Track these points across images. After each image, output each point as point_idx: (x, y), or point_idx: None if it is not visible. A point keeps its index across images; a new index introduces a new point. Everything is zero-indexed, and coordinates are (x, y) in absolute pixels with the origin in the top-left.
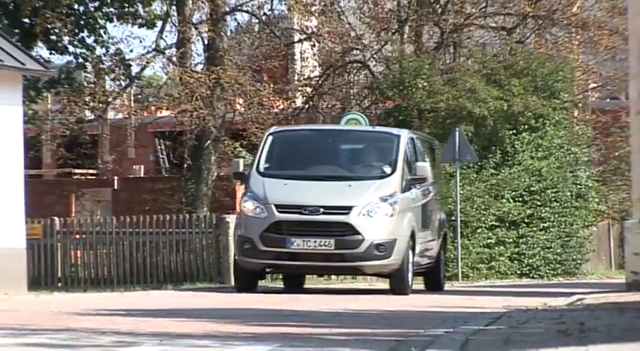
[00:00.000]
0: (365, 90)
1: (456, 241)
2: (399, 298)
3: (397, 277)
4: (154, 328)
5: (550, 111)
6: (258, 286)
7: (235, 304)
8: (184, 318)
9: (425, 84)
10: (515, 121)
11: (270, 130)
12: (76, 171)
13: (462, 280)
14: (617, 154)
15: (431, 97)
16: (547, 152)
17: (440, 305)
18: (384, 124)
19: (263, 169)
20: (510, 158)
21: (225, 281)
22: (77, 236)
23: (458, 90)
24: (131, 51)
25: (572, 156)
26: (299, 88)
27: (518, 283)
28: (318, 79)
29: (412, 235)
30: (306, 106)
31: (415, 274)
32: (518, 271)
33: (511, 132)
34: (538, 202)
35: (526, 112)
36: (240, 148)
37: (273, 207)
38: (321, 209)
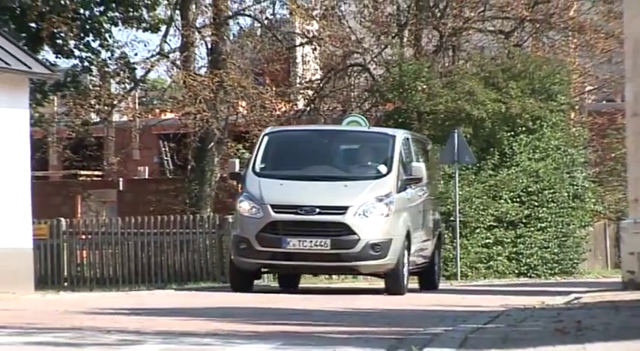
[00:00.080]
0: (365, 93)
1: (454, 241)
2: (399, 297)
3: (392, 277)
4: (158, 326)
5: (547, 113)
6: (254, 286)
7: (238, 303)
8: (188, 317)
9: (424, 87)
10: (513, 123)
11: (266, 130)
12: (82, 172)
13: (460, 280)
14: (613, 155)
15: (430, 99)
16: (544, 154)
17: (439, 304)
18: (384, 126)
19: (259, 170)
20: (508, 159)
21: (228, 281)
22: (83, 236)
23: (457, 92)
24: (136, 55)
25: (569, 157)
26: (300, 91)
27: (516, 283)
28: (319, 81)
29: (407, 235)
30: (308, 108)
31: (410, 274)
32: (516, 271)
33: (509, 134)
34: (535, 203)
35: (524, 115)
36: (243, 150)
37: (269, 207)
38: (317, 209)
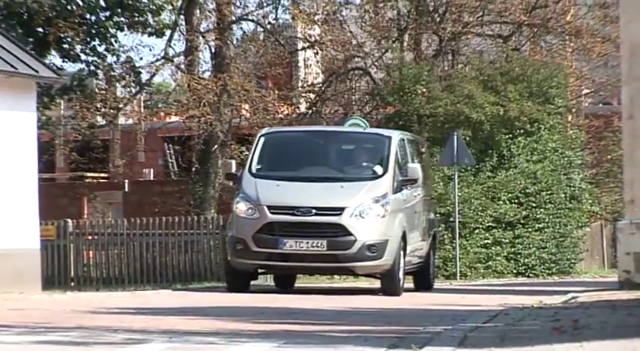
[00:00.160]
0: (366, 96)
1: (454, 241)
2: (399, 297)
3: (389, 278)
4: (163, 325)
5: (545, 116)
6: (250, 286)
7: (241, 302)
8: (192, 316)
9: (424, 90)
10: (511, 126)
11: (262, 131)
12: (88, 174)
13: (460, 279)
14: (609, 157)
15: (430, 102)
16: (542, 156)
17: (439, 303)
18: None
19: (255, 170)
20: (506, 161)
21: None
22: (89, 237)
23: (456, 96)
24: (141, 59)
25: (566, 159)
26: (303, 95)
27: (515, 282)
28: (321, 85)
29: (403, 236)
30: (310, 111)
31: (405, 273)
32: (515, 271)
33: (507, 136)
34: (533, 204)
35: (521, 117)
36: (246, 152)
37: (265, 208)
38: (314, 210)
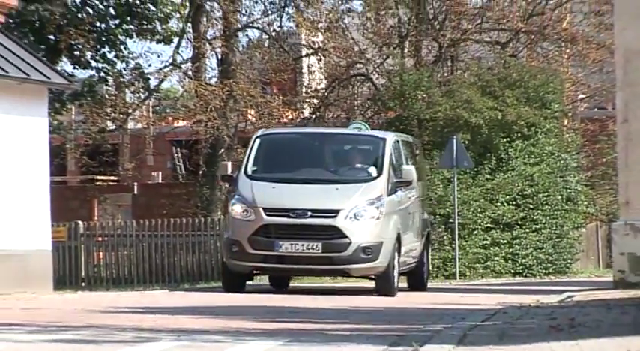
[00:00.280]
0: (368, 101)
1: (453, 242)
2: (399, 296)
3: (383, 279)
4: (171, 324)
5: (541, 120)
6: (245, 287)
7: (245, 301)
8: (199, 315)
9: (424, 95)
10: (508, 130)
11: (258, 133)
12: (99, 178)
13: (459, 279)
14: (604, 160)
15: (430, 107)
16: (539, 159)
17: (438, 302)
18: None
19: (251, 172)
20: (504, 164)
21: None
22: (100, 238)
23: (455, 101)
24: (149, 65)
25: (562, 162)
26: (306, 100)
27: (512, 282)
28: (324, 91)
29: (398, 237)
30: (313, 116)
31: (399, 274)
32: (512, 270)
33: (505, 140)
34: (530, 206)
35: (519, 121)
36: None
37: (261, 210)
38: (309, 212)
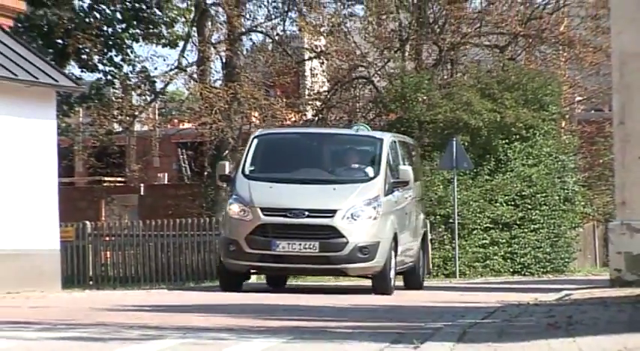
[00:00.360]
0: (370, 103)
1: (453, 241)
2: (397, 294)
3: (380, 278)
4: (177, 322)
5: (539, 122)
6: (243, 286)
7: (250, 300)
8: (205, 313)
9: (425, 98)
10: (507, 132)
11: (256, 133)
12: (106, 179)
13: (459, 278)
14: (601, 161)
15: (430, 109)
16: (537, 160)
17: (439, 300)
18: None
19: (248, 172)
20: (503, 165)
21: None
22: (107, 238)
23: (455, 103)
24: (155, 69)
25: (560, 163)
26: (309, 102)
27: (511, 280)
28: (326, 93)
29: (395, 237)
30: (316, 118)
31: (396, 273)
32: (511, 269)
33: (504, 141)
34: (529, 206)
35: (517, 123)
36: None
37: (258, 210)
38: (306, 212)
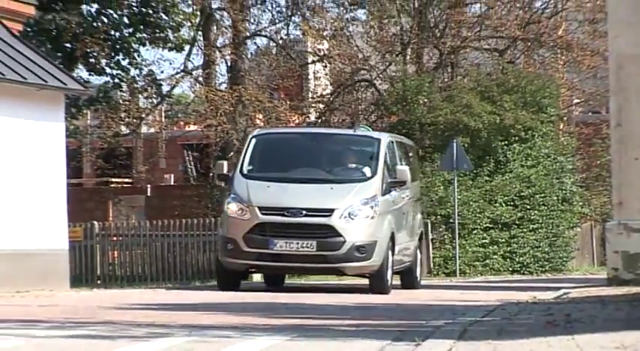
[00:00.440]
0: (372, 106)
1: (454, 241)
2: (401, 293)
3: (377, 277)
4: (183, 320)
5: (538, 124)
6: (241, 285)
7: (255, 298)
8: (210, 311)
9: (425, 100)
10: (506, 133)
11: (254, 132)
12: (113, 180)
13: (459, 277)
14: (598, 162)
15: (431, 112)
16: (536, 161)
17: (439, 299)
18: None
19: (246, 171)
20: (503, 167)
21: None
22: (114, 238)
23: (455, 105)
24: (162, 72)
25: (558, 164)
26: (312, 105)
27: (510, 279)
28: (329, 96)
29: (392, 237)
30: (319, 120)
31: (393, 273)
32: (510, 268)
33: (503, 143)
34: (528, 206)
35: (516, 125)
36: None
37: (256, 209)
38: (304, 211)
